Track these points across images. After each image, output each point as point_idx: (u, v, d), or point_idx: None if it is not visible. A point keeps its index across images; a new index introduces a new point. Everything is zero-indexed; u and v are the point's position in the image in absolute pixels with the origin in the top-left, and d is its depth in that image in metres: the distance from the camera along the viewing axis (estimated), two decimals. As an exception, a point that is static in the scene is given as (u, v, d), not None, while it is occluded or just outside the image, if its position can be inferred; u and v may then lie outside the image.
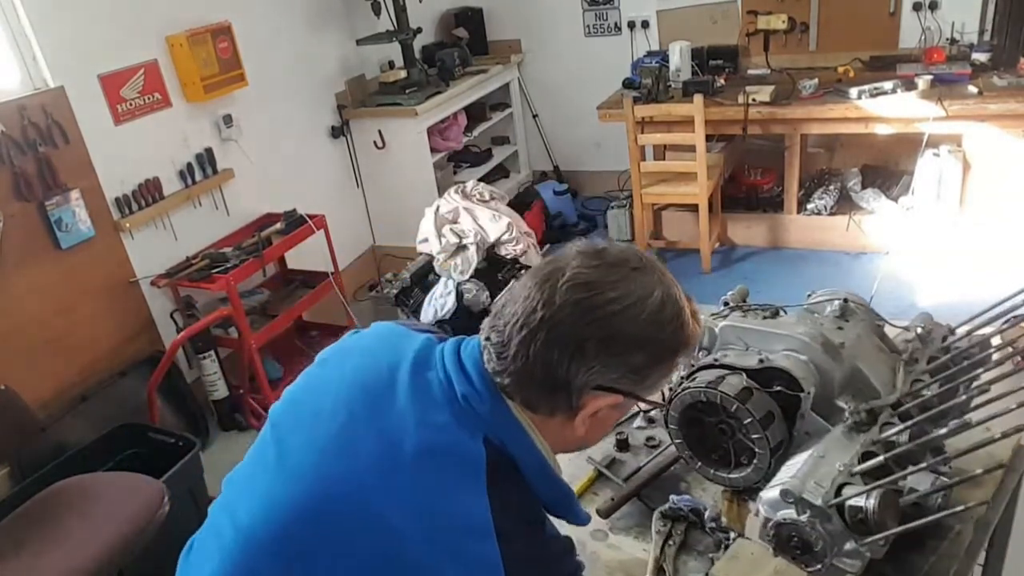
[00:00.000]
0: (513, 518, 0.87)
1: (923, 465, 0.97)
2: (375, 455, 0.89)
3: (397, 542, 0.85)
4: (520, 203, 4.57)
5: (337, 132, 4.31)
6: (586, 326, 0.85)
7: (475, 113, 4.94)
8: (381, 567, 0.85)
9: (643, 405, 1.01)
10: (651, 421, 1.58)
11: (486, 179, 4.80)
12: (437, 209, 3.53)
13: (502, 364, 0.89)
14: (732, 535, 1.25)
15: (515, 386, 0.90)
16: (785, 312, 1.31)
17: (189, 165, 3.39)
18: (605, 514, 1.35)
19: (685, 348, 0.93)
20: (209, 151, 3.49)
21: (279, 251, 3.52)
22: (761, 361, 1.18)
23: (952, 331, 1.30)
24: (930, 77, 3.62)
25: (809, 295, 1.37)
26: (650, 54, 4.55)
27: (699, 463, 1.28)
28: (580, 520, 1.00)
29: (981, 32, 3.99)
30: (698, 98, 3.72)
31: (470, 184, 3.72)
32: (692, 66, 4.24)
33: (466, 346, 0.97)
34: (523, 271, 3.50)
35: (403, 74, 4.34)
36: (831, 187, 4.20)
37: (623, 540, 1.32)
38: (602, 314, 0.85)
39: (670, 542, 1.27)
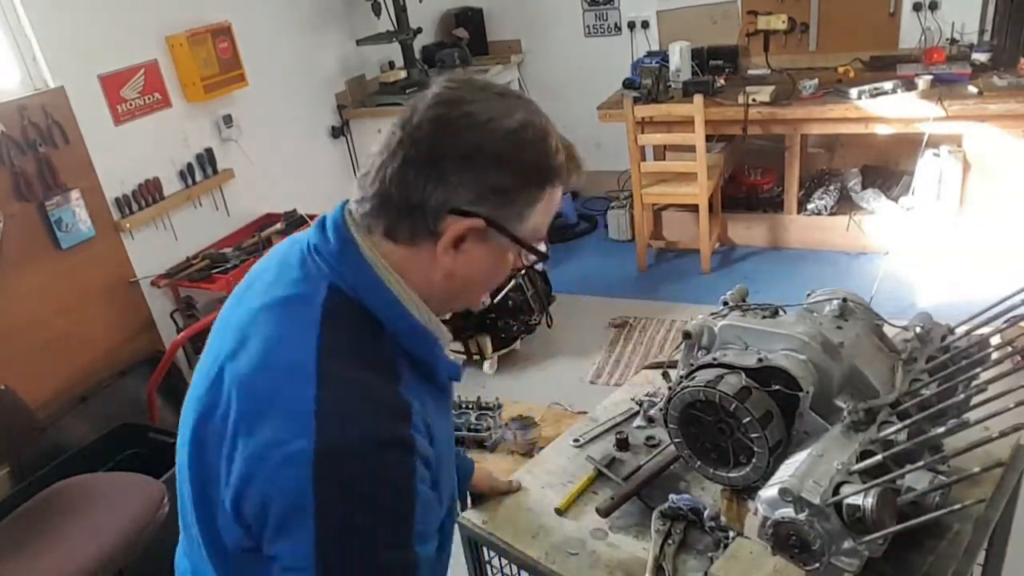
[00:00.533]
0: (343, 362, 0.83)
1: (921, 464, 0.97)
2: (235, 329, 0.90)
3: (228, 404, 0.84)
4: (520, 203, 4.56)
5: (337, 132, 4.31)
6: (441, 141, 0.83)
7: (475, 113, 4.94)
8: (228, 439, 0.83)
9: (525, 258, 0.92)
10: (650, 420, 1.59)
11: (486, 179, 4.80)
12: (437, 209, 3.53)
13: (362, 192, 0.88)
14: (731, 534, 1.25)
15: (375, 212, 0.87)
16: (784, 312, 1.32)
17: (189, 165, 3.39)
18: (605, 513, 1.35)
19: (553, 178, 0.89)
20: (209, 151, 3.49)
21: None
22: (760, 360, 1.18)
23: (951, 331, 1.30)
24: (930, 77, 3.62)
25: (808, 295, 1.37)
26: (650, 54, 4.55)
27: (698, 462, 1.28)
28: (442, 370, 0.92)
29: (981, 32, 3.99)
30: (698, 98, 3.72)
31: (470, 184, 3.72)
32: (692, 66, 4.24)
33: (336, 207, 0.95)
34: (523, 271, 3.51)
35: (403, 74, 4.34)
36: (831, 187, 4.20)
37: (622, 539, 1.32)
38: (457, 127, 0.83)
39: (669, 541, 1.27)
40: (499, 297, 3.40)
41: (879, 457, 1.01)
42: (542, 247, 0.92)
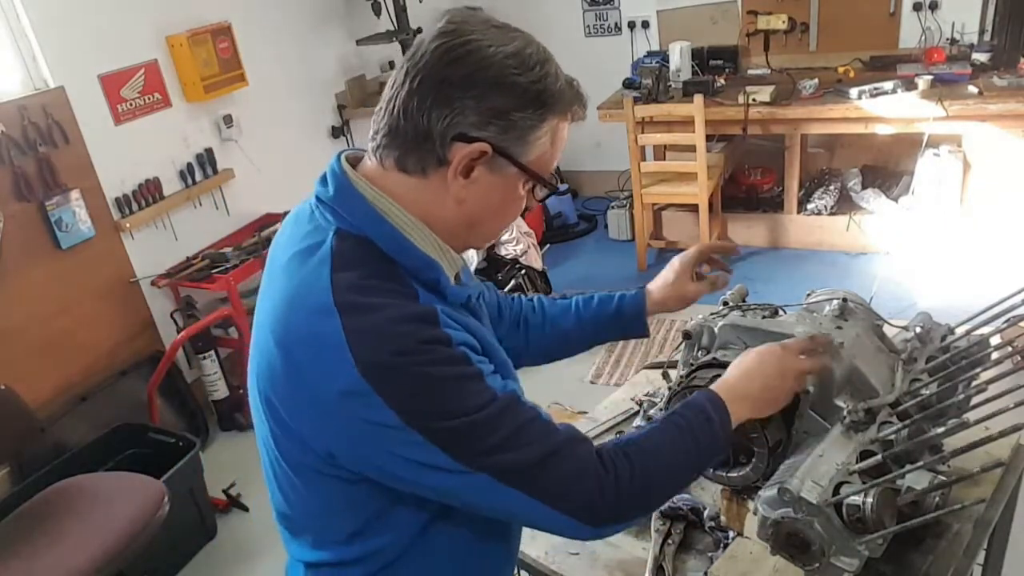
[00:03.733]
0: (356, 295, 0.86)
1: (921, 464, 0.97)
2: (266, 292, 0.95)
3: (271, 349, 0.88)
4: (520, 203, 4.57)
5: (337, 132, 4.32)
6: (444, 68, 0.86)
7: (475, 113, 4.94)
8: (274, 378, 0.89)
9: (537, 192, 0.96)
10: (650, 420, 1.58)
11: (486, 179, 4.79)
12: (437, 209, 3.53)
13: (375, 126, 0.91)
14: (731, 534, 1.25)
15: (386, 145, 0.90)
16: (784, 311, 1.31)
17: (189, 165, 3.39)
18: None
19: (554, 103, 0.90)
20: (209, 151, 3.49)
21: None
22: (760, 360, 1.18)
23: (951, 331, 1.30)
24: (930, 77, 3.62)
25: (808, 295, 1.37)
26: (650, 54, 4.55)
27: (698, 462, 1.27)
28: (450, 292, 0.94)
29: (981, 32, 3.99)
30: (698, 98, 3.72)
31: (470, 184, 3.72)
32: (692, 66, 4.25)
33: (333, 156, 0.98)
34: (523, 271, 3.51)
35: (403, 74, 4.34)
36: (831, 187, 4.20)
37: (622, 539, 1.32)
38: (459, 53, 0.86)
39: (669, 541, 1.27)
40: (499, 297, 3.40)
41: (879, 457, 1.01)
42: (552, 180, 0.95)
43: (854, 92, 3.62)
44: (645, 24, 4.75)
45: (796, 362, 1.09)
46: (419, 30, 4.35)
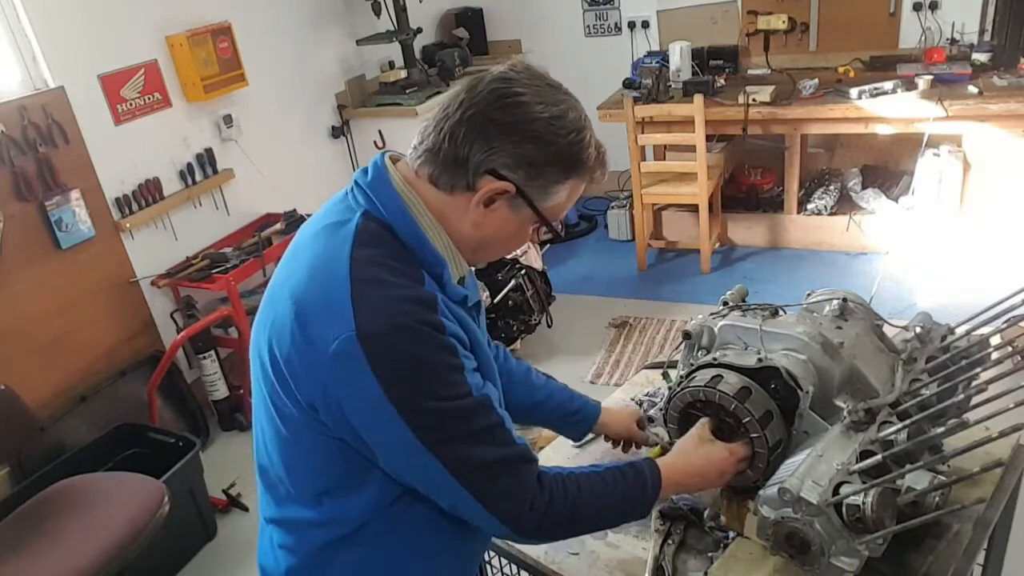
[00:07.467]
0: (370, 269, 0.96)
1: (921, 464, 0.97)
2: (292, 254, 1.06)
3: (285, 303, 0.98)
4: (520, 203, 4.56)
5: (337, 132, 4.31)
6: (495, 110, 0.97)
7: (475, 113, 4.94)
8: (281, 329, 0.99)
9: (540, 233, 1.09)
10: (651, 420, 1.58)
11: (486, 179, 4.79)
12: (437, 209, 3.53)
13: (420, 138, 1.02)
14: (731, 534, 1.25)
15: (425, 159, 1.01)
16: (784, 311, 1.31)
17: (189, 165, 3.39)
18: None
19: (580, 167, 1.02)
20: (209, 151, 3.49)
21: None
22: (760, 360, 1.18)
23: (951, 331, 1.30)
24: (930, 77, 3.62)
25: (808, 295, 1.37)
26: (650, 54, 4.55)
27: (698, 462, 1.27)
28: (450, 288, 1.03)
29: (981, 32, 3.99)
30: (698, 98, 3.72)
31: (470, 184, 3.72)
32: (692, 66, 4.24)
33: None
34: (523, 271, 3.51)
35: (403, 74, 4.34)
36: (831, 187, 4.20)
37: (622, 539, 1.32)
38: (510, 102, 0.97)
39: (669, 541, 1.27)
40: (499, 297, 3.40)
41: (879, 457, 1.01)
42: (557, 227, 1.07)
43: (854, 92, 3.62)
44: (645, 24, 4.75)
45: (735, 466, 1.17)
46: (419, 30, 4.36)
